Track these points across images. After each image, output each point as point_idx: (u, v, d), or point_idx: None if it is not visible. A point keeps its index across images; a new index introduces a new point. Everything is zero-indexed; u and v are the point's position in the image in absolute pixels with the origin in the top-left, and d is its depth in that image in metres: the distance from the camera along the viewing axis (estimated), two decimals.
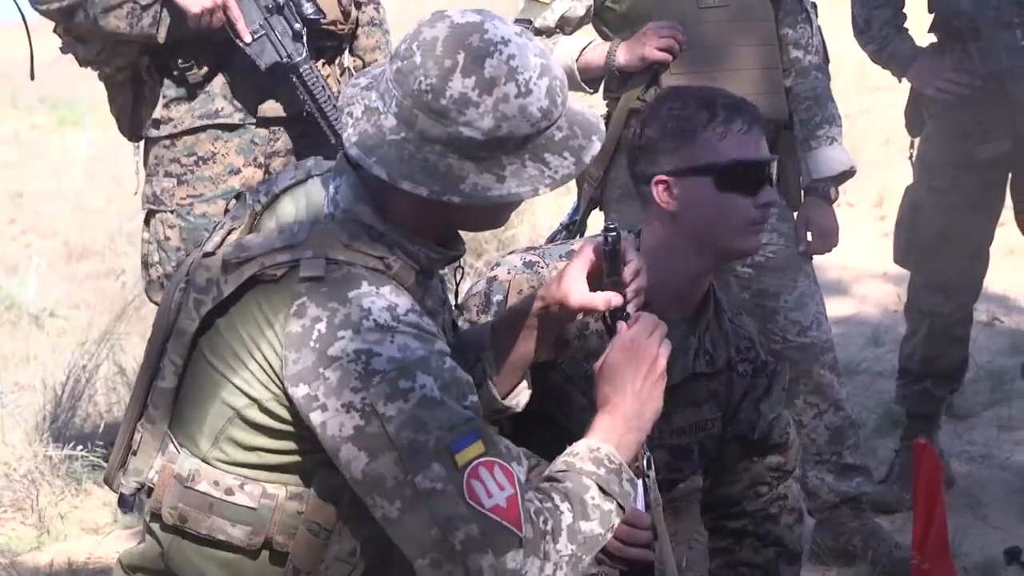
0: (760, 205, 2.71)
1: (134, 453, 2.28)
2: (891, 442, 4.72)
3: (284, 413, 2.11)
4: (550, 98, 2.11)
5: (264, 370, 2.11)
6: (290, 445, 2.14)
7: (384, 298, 2.09)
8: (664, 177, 2.73)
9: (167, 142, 3.71)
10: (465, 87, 2.07)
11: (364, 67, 3.82)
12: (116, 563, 2.35)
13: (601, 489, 2.16)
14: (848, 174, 3.96)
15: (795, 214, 3.98)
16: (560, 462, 2.20)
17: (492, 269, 2.77)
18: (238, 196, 2.30)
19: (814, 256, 3.99)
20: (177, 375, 2.21)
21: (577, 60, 3.73)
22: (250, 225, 2.22)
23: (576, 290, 2.33)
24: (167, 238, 3.70)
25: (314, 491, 2.14)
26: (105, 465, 2.44)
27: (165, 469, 2.22)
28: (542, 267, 2.74)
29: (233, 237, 2.22)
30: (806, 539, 4.08)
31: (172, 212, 3.70)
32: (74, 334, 6.20)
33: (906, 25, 4.49)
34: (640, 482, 2.38)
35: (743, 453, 2.95)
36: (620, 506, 2.18)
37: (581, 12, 3.82)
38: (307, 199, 2.21)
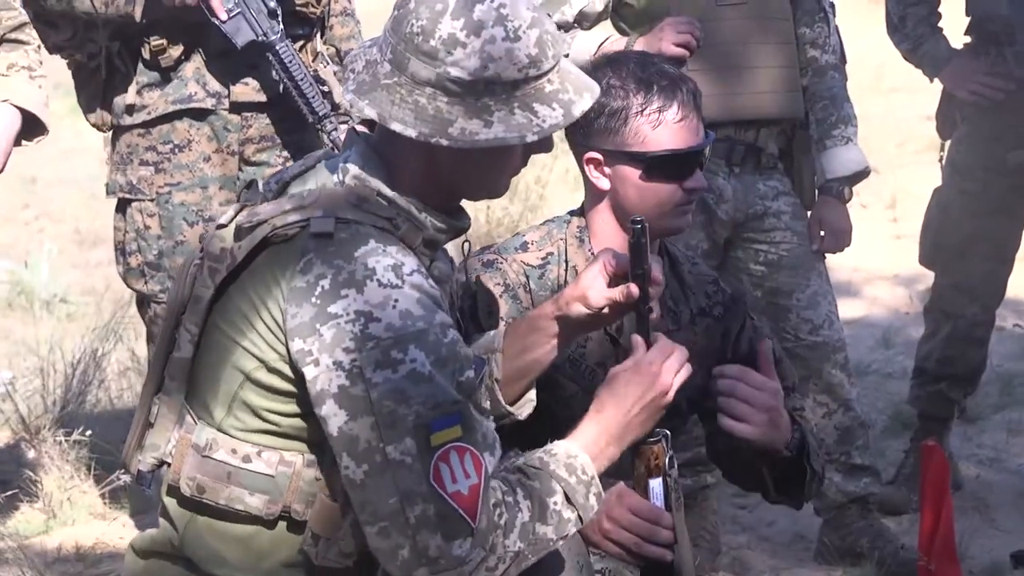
0: (688, 189, 2.71)
1: (151, 426, 2.29)
2: (900, 443, 4.72)
3: (290, 372, 2.13)
4: (539, 48, 2.16)
5: (270, 329, 2.14)
6: (300, 408, 2.15)
7: (390, 256, 2.12)
8: (595, 155, 2.75)
9: (141, 130, 3.67)
10: (454, 28, 2.13)
11: (337, 55, 3.82)
12: (128, 548, 2.36)
13: (567, 497, 2.18)
14: (862, 174, 3.97)
15: (808, 213, 3.98)
16: (536, 457, 2.22)
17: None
18: (249, 184, 2.33)
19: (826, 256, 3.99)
20: (193, 344, 2.23)
21: (595, 55, 3.72)
22: None
23: (595, 288, 2.35)
24: (147, 227, 3.68)
25: (330, 458, 2.15)
26: (114, 452, 2.44)
27: (182, 440, 2.23)
28: (501, 263, 2.75)
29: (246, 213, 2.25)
30: (812, 538, 4.10)
31: (151, 200, 3.68)
32: (85, 320, 6.20)
33: (940, 25, 4.48)
34: (660, 480, 2.38)
35: None
36: (580, 518, 2.20)
37: (599, 7, 3.82)
38: (316, 182, 2.24)
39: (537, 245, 2.79)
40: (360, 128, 2.29)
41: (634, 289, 2.31)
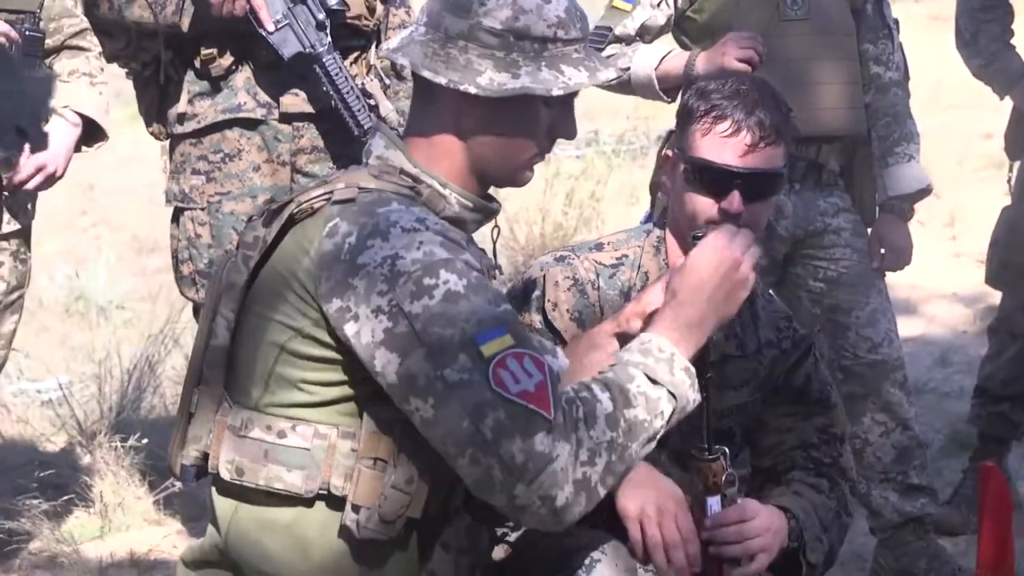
0: (722, 210, 2.66)
1: (192, 416, 2.31)
2: (957, 464, 4.68)
3: (325, 337, 2.15)
4: (568, 15, 2.25)
5: (302, 297, 2.16)
6: (336, 376, 2.17)
7: (413, 213, 2.17)
8: (669, 152, 2.79)
9: (193, 139, 3.72)
10: None
11: (392, 68, 3.83)
12: (179, 562, 2.37)
13: (648, 378, 2.16)
14: (924, 192, 3.93)
15: (869, 230, 3.96)
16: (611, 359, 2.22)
17: (526, 271, 2.79)
18: None
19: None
20: (229, 331, 2.26)
21: (656, 68, 3.72)
22: None
23: (655, 304, 2.33)
24: (198, 235, 3.71)
25: (366, 427, 2.16)
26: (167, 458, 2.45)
27: (219, 424, 2.26)
28: (573, 259, 2.76)
29: None
30: (867, 557, 4.06)
31: (203, 209, 3.71)
32: (141, 326, 6.25)
33: (1013, 42, 4.45)
34: (718, 499, 2.36)
35: (784, 413, 2.84)
36: (672, 394, 2.17)
37: (661, 21, 3.82)
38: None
39: (613, 246, 2.81)
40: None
41: None
